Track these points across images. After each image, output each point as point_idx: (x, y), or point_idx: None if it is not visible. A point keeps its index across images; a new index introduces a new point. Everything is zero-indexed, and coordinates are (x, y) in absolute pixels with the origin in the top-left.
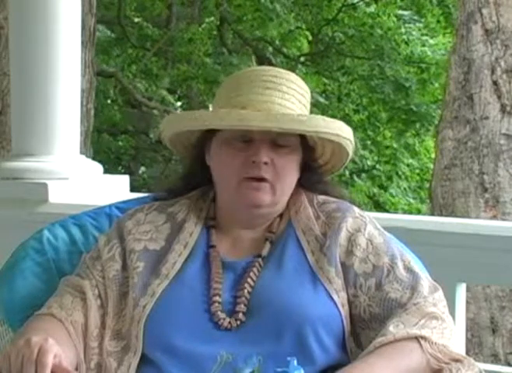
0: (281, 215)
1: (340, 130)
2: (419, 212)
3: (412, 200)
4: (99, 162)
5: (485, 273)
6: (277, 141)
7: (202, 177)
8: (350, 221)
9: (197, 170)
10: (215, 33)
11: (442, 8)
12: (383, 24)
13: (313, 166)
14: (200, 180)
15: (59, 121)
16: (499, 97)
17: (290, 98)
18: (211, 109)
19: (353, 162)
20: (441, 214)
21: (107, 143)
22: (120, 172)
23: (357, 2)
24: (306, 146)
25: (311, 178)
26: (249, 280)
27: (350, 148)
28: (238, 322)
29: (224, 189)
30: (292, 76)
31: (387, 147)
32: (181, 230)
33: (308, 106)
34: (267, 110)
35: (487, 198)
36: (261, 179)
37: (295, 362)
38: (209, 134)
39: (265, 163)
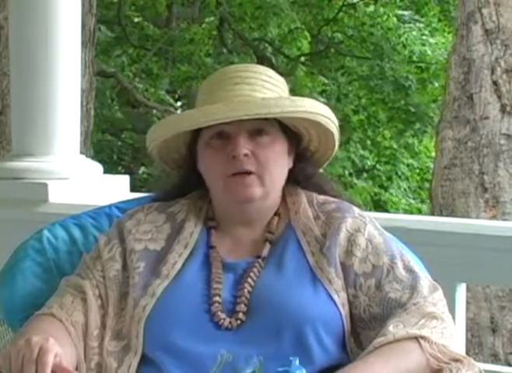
0: (279, 215)
1: (311, 107)
2: (419, 212)
3: (412, 201)
4: (100, 162)
5: (485, 273)
6: (254, 131)
7: (198, 182)
8: (350, 222)
9: (191, 178)
10: (215, 33)
11: (441, 6)
12: (383, 24)
13: (306, 156)
14: (197, 185)
15: (59, 121)
16: (499, 97)
17: (260, 88)
18: None
19: (353, 162)
20: (441, 214)
21: (108, 143)
22: (120, 172)
23: (357, 2)
24: (291, 134)
25: (305, 170)
26: (249, 280)
27: (332, 126)
28: (238, 322)
29: (214, 190)
30: (260, 68)
31: (386, 147)
32: (181, 230)
33: (285, 93)
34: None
35: (487, 198)
36: (247, 173)
37: (297, 362)
38: (195, 142)
39: (246, 155)
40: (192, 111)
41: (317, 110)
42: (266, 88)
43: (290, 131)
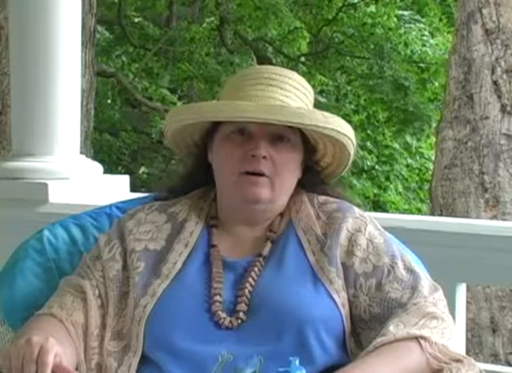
0: (281, 215)
1: (340, 127)
2: (419, 212)
3: (411, 201)
4: (99, 162)
5: (485, 273)
6: (276, 136)
7: (203, 177)
8: (351, 221)
9: (199, 169)
10: (215, 33)
11: (443, 7)
12: (383, 24)
13: (316, 169)
14: (201, 180)
15: (59, 121)
16: (499, 97)
17: (292, 95)
18: None
19: (353, 162)
20: (441, 214)
21: (107, 143)
22: (120, 172)
23: (357, 2)
24: (308, 146)
25: (313, 181)
26: (250, 279)
27: (351, 147)
28: (239, 322)
29: (224, 184)
30: (295, 75)
31: (386, 146)
32: (182, 230)
33: (311, 105)
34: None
35: (487, 198)
36: (260, 175)
37: (297, 362)
38: (212, 131)
39: (264, 157)
40: (225, 102)
41: (344, 131)
42: (297, 96)
43: (308, 143)
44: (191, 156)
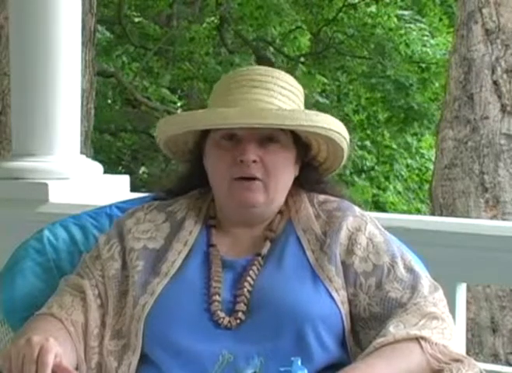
0: (281, 214)
1: (326, 123)
2: (418, 212)
3: (411, 201)
4: (100, 161)
5: (485, 273)
6: (266, 138)
7: (201, 180)
8: (351, 220)
9: (195, 173)
10: (215, 32)
11: (444, 7)
12: (384, 24)
13: (312, 165)
14: (198, 182)
15: (59, 121)
16: (499, 97)
17: (277, 95)
18: None
19: (353, 162)
20: (441, 214)
21: (108, 143)
22: (120, 172)
23: (358, 2)
24: (301, 143)
25: (310, 178)
26: (249, 278)
27: (343, 142)
28: (238, 321)
29: (218, 190)
30: (279, 74)
31: (386, 146)
32: (181, 228)
33: (300, 102)
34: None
35: (487, 198)
36: (253, 178)
37: (299, 362)
38: (204, 137)
39: (254, 161)
40: (207, 111)
41: (330, 126)
42: (282, 95)
43: (301, 140)
44: (186, 161)
